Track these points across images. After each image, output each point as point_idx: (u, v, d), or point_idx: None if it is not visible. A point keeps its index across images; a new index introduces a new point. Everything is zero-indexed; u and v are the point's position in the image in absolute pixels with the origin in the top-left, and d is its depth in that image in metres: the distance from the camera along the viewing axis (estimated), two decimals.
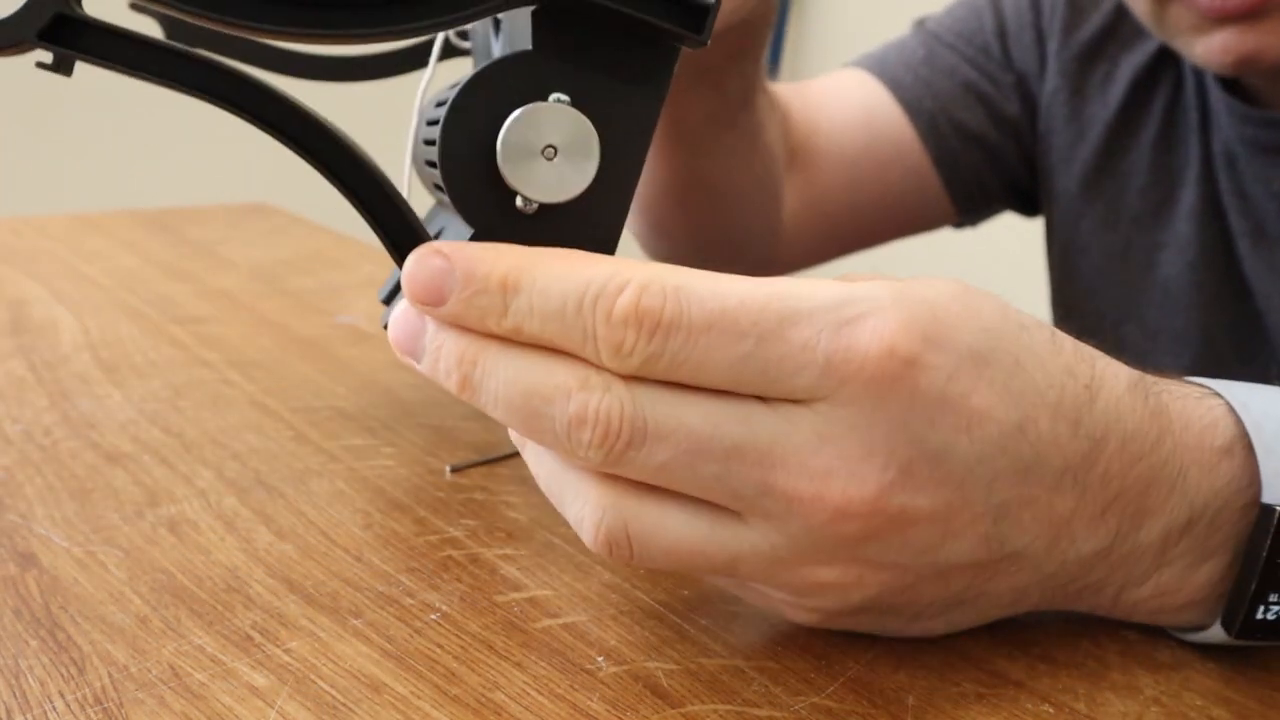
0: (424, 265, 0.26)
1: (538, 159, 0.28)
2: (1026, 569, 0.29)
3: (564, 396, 0.25)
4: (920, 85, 0.68)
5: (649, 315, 0.25)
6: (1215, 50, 0.52)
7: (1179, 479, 0.29)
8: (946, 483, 0.26)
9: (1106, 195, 0.66)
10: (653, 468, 0.26)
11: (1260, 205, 0.59)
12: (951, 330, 0.26)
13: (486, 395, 0.26)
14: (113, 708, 0.26)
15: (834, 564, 0.27)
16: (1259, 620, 0.29)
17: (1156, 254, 0.64)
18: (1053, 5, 0.68)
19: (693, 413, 0.25)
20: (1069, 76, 0.67)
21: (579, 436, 0.25)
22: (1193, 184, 0.62)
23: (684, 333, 0.25)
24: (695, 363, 0.25)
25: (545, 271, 0.26)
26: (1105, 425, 0.28)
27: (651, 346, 0.25)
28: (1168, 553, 0.30)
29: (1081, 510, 0.28)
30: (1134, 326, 0.66)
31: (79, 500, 0.35)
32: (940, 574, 0.28)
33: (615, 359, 0.25)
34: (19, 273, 0.60)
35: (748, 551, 0.27)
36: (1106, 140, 0.66)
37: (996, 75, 0.69)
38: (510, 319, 0.26)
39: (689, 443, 0.25)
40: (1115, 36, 0.66)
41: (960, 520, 0.27)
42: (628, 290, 0.25)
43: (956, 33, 0.70)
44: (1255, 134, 0.58)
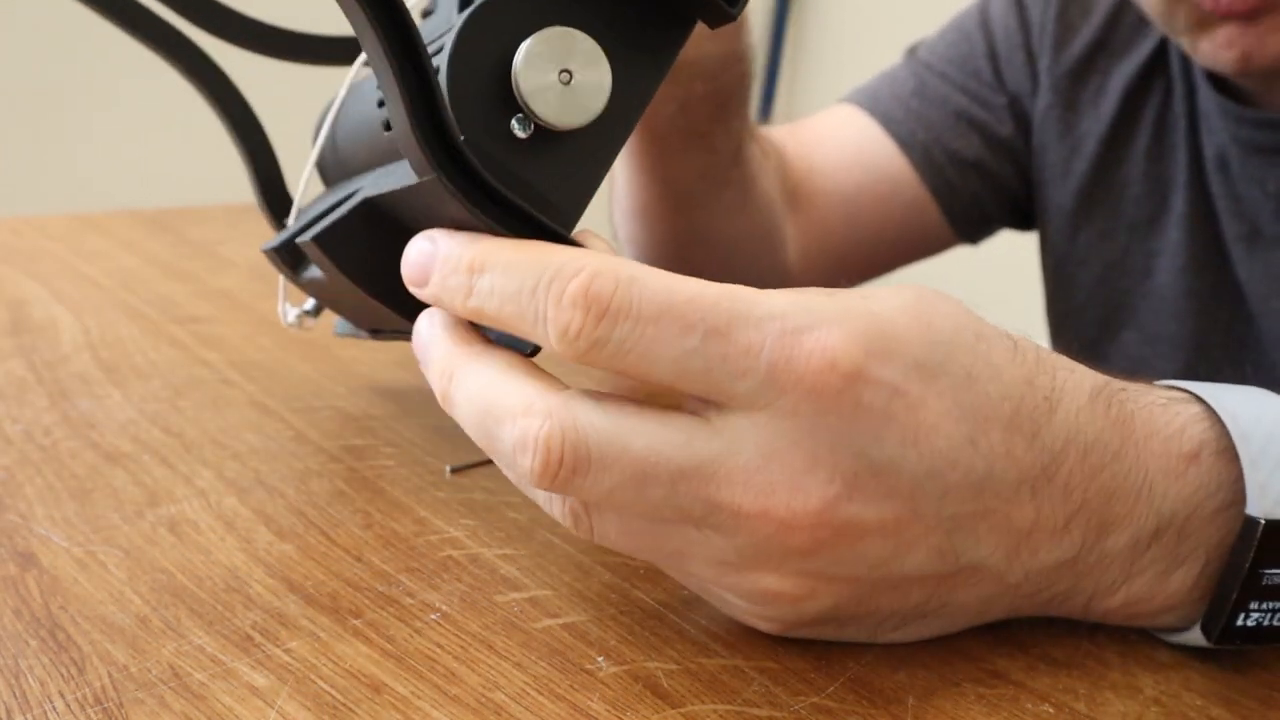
0: (415, 248, 0.29)
1: (554, 78, 0.28)
2: (988, 580, 0.29)
3: (510, 420, 0.26)
4: (912, 118, 0.69)
5: (598, 300, 0.25)
6: (1219, 48, 0.52)
7: (1144, 488, 0.29)
8: (895, 495, 0.26)
9: (1103, 206, 0.67)
10: (600, 493, 0.26)
11: (1255, 207, 0.59)
12: (898, 344, 0.26)
13: (457, 409, 0.28)
14: (113, 708, 0.26)
15: (784, 575, 0.27)
16: (1239, 627, 0.29)
17: (1152, 261, 0.65)
18: (1042, 23, 0.68)
19: (636, 438, 0.26)
20: (1061, 92, 0.67)
21: (522, 463, 0.26)
22: (1182, 190, 0.63)
23: (631, 321, 0.25)
24: (640, 353, 0.25)
25: (510, 256, 0.26)
26: (1065, 437, 0.28)
27: (598, 331, 0.25)
28: (1137, 561, 0.29)
29: (1042, 522, 0.28)
30: (1133, 332, 0.66)
31: (79, 500, 0.35)
32: (896, 586, 0.28)
33: (562, 342, 0.25)
34: (19, 273, 0.60)
35: (698, 553, 0.27)
36: (1101, 152, 0.66)
37: (988, 98, 0.70)
38: (474, 299, 0.27)
39: (633, 468, 0.26)
40: (1106, 49, 0.66)
41: (912, 533, 0.27)
42: (581, 275, 0.25)
43: (948, 59, 0.71)
44: (1249, 135, 0.58)
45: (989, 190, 0.71)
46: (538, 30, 0.28)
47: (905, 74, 0.72)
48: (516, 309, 0.26)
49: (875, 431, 0.26)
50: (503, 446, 0.27)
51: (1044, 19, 0.68)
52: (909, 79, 0.71)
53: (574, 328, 0.25)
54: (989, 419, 0.27)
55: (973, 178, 0.70)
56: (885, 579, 0.28)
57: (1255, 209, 0.59)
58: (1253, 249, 0.60)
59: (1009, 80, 0.69)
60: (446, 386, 0.28)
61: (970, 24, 0.72)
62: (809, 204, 0.68)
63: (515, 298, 0.26)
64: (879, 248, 0.71)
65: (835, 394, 0.25)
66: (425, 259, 0.28)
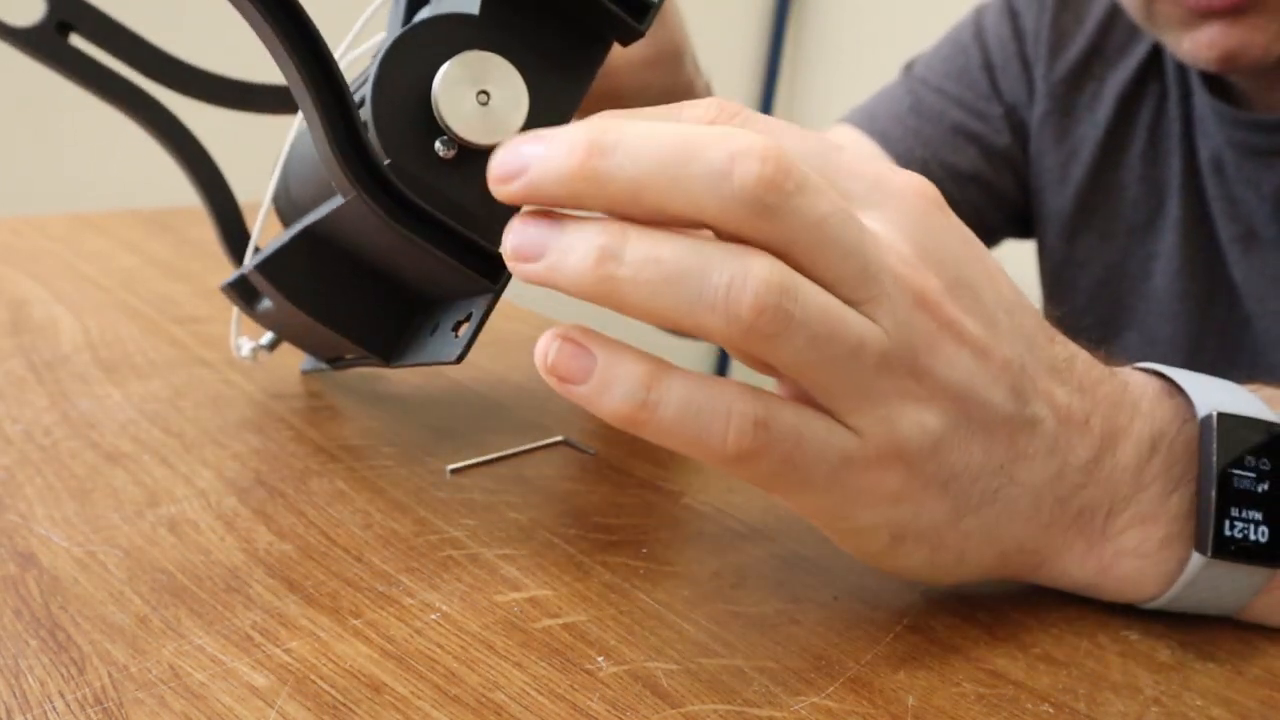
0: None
1: (472, 99, 0.29)
2: (1042, 453, 0.30)
3: (721, 140, 0.25)
4: (909, 135, 0.70)
5: (729, 104, 0.28)
6: (1201, 45, 0.53)
7: (1137, 405, 0.32)
8: (980, 317, 0.29)
9: (1101, 211, 0.67)
10: (816, 218, 0.26)
11: (1250, 209, 0.59)
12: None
13: (622, 154, 0.25)
14: (113, 708, 0.26)
15: (914, 374, 0.28)
16: (1227, 537, 0.31)
17: (1150, 264, 0.66)
18: (1036, 31, 0.69)
19: (827, 187, 0.27)
20: (1057, 99, 0.68)
21: (746, 170, 0.25)
22: (1177, 194, 0.63)
23: (759, 121, 0.28)
24: (773, 136, 0.28)
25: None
26: (1071, 349, 0.32)
27: (736, 119, 0.28)
28: (1144, 472, 0.32)
29: (1073, 410, 0.31)
30: (1135, 334, 0.67)
31: (79, 500, 0.35)
32: (986, 427, 0.29)
33: (709, 115, 0.28)
34: (19, 273, 0.60)
35: (871, 339, 0.27)
36: (1098, 157, 0.67)
37: (985, 110, 0.70)
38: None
39: (841, 207, 0.27)
40: (1101, 55, 0.67)
41: (994, 360, 0.29)
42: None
43: (943, 73, 0.71)
44: (1244, 137, 0.59)
45: (989, 201, 0.71)
46: (455, 55, 0.29)
47: (901, 91, 0.72)
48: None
49: (964, 251, 0.30)
50: (708, 165, 0.25)
51: (1038, 27, 0.68)
52: (905, 96, 0.72)
53: (710, 113, 0.28)
54: (1026, 301, 0.31)
55: (972, 190, 0.70)
56: (979, 407, 0.29)
57: (1250, 211, 0.60)
58: (1248, 251, 0.60)
59: (1005, 90, 0.70)
60: (602, 136, 0.25)
61: (965, 36, 0.72)
62: None
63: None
64: None
65: (930, 207, 0.29)
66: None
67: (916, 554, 0.30)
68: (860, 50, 1.92)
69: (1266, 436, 0.31)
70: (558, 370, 0.26)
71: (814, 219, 0.26)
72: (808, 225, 0.26)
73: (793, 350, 0.26)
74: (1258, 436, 0.31)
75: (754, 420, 0.26)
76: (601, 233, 0.25)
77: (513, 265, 0.26)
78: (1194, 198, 0.63)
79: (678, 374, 0.26)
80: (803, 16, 2.04)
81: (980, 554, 0.31)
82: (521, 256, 0.26)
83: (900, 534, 0.30)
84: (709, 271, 0.25)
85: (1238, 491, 0.31)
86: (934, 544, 0.30)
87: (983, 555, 0.31)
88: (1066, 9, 0.68)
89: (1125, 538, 0.32)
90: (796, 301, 0.25)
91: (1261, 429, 0.31)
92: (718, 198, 0.25)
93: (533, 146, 0.26)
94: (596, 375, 0.26)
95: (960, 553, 0.31)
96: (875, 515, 0.29)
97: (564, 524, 0.36)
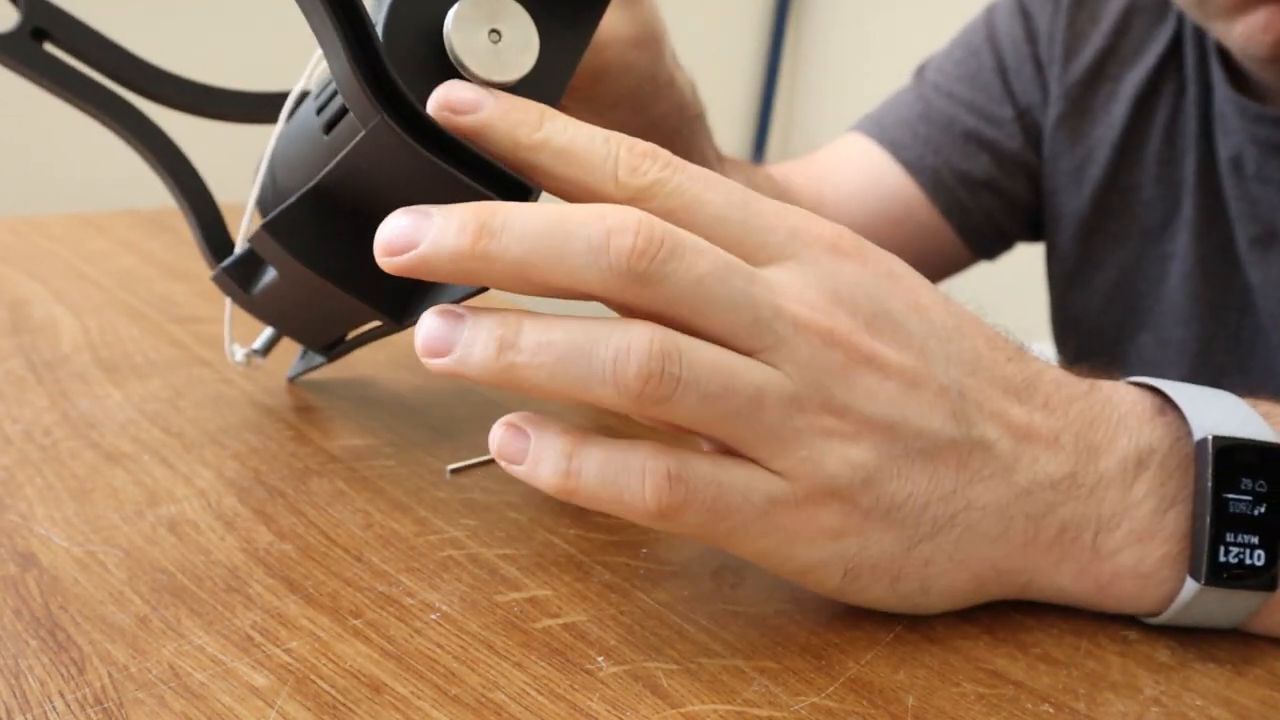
0: (465, 84, 0.30)
1: (484, 37, 0.30)
2: (999, 474, 0.30)
3: (596, 217, 0.27)
4: (920, 143, 0.70)
5: (663, 153, 0.29)
6: (1256, 29, 0.51)
7: (1121, 422, 0.32)
8: (907, 346, 0.29)
9: (1117, 212, 0.67)
10: (692, 280, 0.27)
11: (1271, 208, 0.59)
12: (885, 253, 0.31)
13: (509, 235, 0.27)
14: (113, 708, 0.26)
15: (832, 410, 0.28)
16: (1222, 563, 0.30)
17: (1165, 265, 0.65)
18: (1050, 33, 0.68)
19: (708, 245, 0.28)
20: (1073, 101, 0.67)
21: (619, 243, 0.26)
22: (1192, 194, 0.63)
23: (687, 173, 0.29)
24: (692, 196, 0.28)
25: (575, 120, 0.30)
26: (1037, 368, 0.32)
27: (664, 173, 0.29)
28: (1132, 489, 0.31)
29: (1035, 428, 0.31)
30: (1149, 335, 0.67)
31: (79, 500, 0.35)
32: (926, 453, 0.29)
33: (630, 175, 0.28)
34: (19, 273, 0.60)
35: (771, 386, 0.28)
36: (1114, 158, 0.66)
37: (997, 114, 0.70)
38: (543, 132, 0.29)
39: (721, 260, 0.27)
40: (1116, 55, 0.66)
41: (928, 387, 0.29)
42: (645, 142, 0.29)
43: (955, 76, 0.71)
44: (1269, 134, 0.58)
45: (1002, 206, 0.71)
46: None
47: (912, 97, 0.72)
48: (588, 143, 0.29)
49: (884, 287, 0.30)
50: (586, 241, 0.26)
51: (1052, 29, 0.68)
52: (915, 102, 0.71)
53: (643, 167, 0.28)
54: (971, 324, 0.31)
55: (985, 196, 0.70)
56: (914, 435, 0.29)
57: (1272, 210, 0.59)
58: (1267, 251, 0.60)
59: (1019, 93, 0.69)
60: (490, 218, 0.27)
61: (976, 39, 0.72)
62: None
63: (588, 137, 0.29)
64: None
65: (847, 252, 0.30)
66: (479, 94, 0.29)
67: (877, 586, 0.30)
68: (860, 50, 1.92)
69: (1263, 458, 0.31)
70: (503, 455, 0.28)
71: (691, 280, 0.27)
72: (686, 287, 0.27)
73: (688, 410, 0.27)
74: (1254, 458, 0.31)
75: (667, 475, 0.27)
76: (499, 324, 0.27)
77: (425, 361, 0.28)
78: (1210, 198, 0.62)
79: (596, 442, 0.28)
80: (803, 17, 2.04)
81: (949, 579, 0.31)
82: (431, 353, 0.28)
83: (853, 568, 0.30)
84: (596, 348, 0.26)
85: (1233, 516, 0.30)
86: (892, 574, 0.30)
87: (953, 580, 0.31)
88: (1082, 9, 0.67)
89: (1122, 556, 0.31)
90: (681, 364, 0.27)
91: (1258, 451, 0.31)
92: (597, 271, 0.26)
93: (420, 220, 0.27)
94: (530, 454, 0.28)
95: (924, 580, 0.31)
96: (819, 552, 0.29)
97: (564, 524, 0.36)
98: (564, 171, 0.29)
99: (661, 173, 0.28)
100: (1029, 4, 0.70)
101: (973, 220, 0.70)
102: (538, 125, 0.29)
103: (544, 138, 0.29)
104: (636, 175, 0.28)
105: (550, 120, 0.29)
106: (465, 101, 0.29)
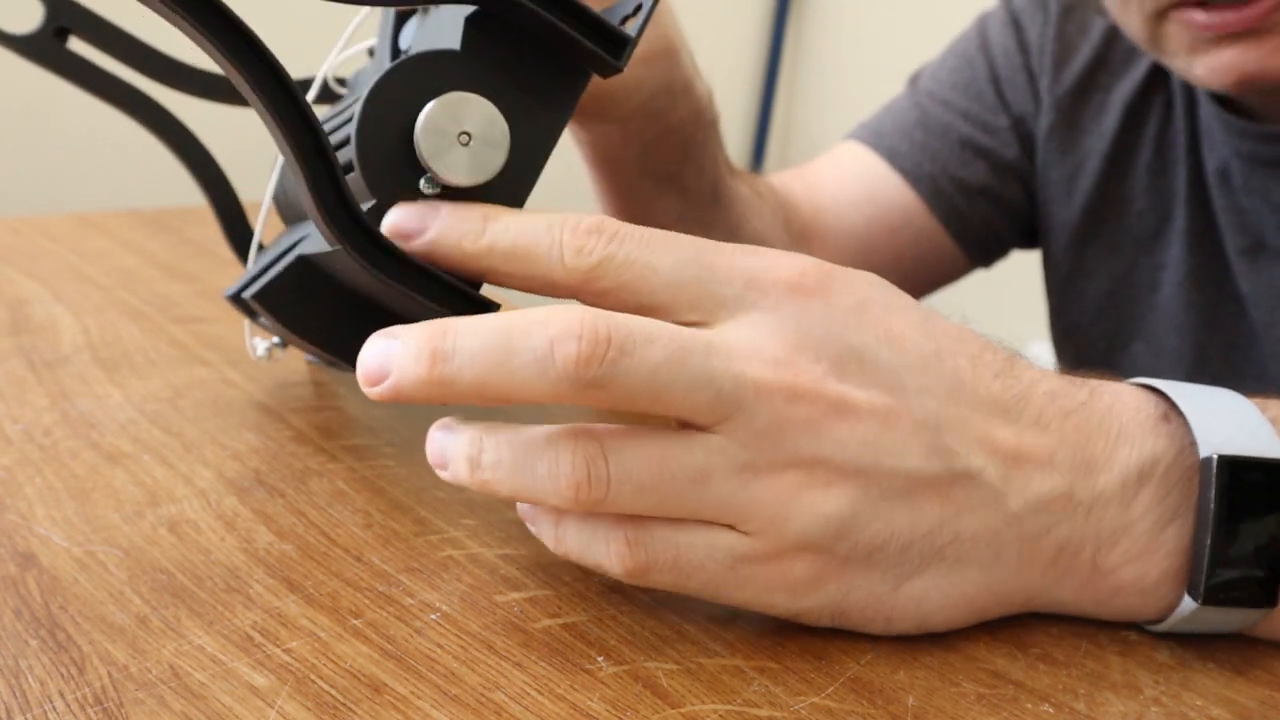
0: (411, 207, 0.30)
1: (453, 141, 0.30)
2: (989, 502, 0.29)
3: (542, 323, 0.27)
4: (917, 150, 0.70)
5: (607, 226, 0.29)
6: (1218, 70, 0.51)
7: (1121, 433, 0.31)
8: (878, 384, 0.29)
9: (1109, 222, 0.67)
10: (647, 372, 0.27)
11: (1258, 220, 0.59)
12: (856, 275, 0.30)
13: (459, 359, 0.27)
14: (113, 708, 0.26)
15: (798, 465, 0.28)
16: (1221, 583, 0.30)
17: (1157, 275, 0.65)
18: (1040, 44, 0.68)
19: (662, 330, 0.27)
20: (1063, 111, 0.68)
21: (565, 351, 0.26)
22: (1183, 205, 0.63)
23: (635, 240, 0.29)
24: (643, 264, 0.28)
25: (518, 213, 0.30)
26: (1028, 380, 0.31)
27: (610, 248, 0.28)
28: (1132, 504, 0.30)
29: (1025, 448, 0.30)
30: (1142, 345, 0.67)
31: (79, 500, 0.35)
32: (904, 494, 0.29)
33: (577, 257, 0.28)
34: (19, 272, 0.60)
35: (716, 460, 0.28)
36: (1105, 169, 0.66)
37: (992, 122, 0.70)
38: (487, 237, 0.30)
39: (674, 344, 0.27)
40: (1106, 66, 0.66)
41: (902, 425, 0.29)
42: (590, 217, 0.29)
43: (950, 85, 0.71)
44: (1253, 149, 0.58)
45: (999, 214, 0.71)
46: (436, 97, 0.30)
47: (908, 105, 0.72)
48: (532, 238, 0.29)
49: (852, 324, 0.29)
50: (532, 353, 0.27)
51: (1042, 39, 0.68)
52: (911, 110, 0.71)
53: (589, 247, 0.28)
54: (953, 343, 0.30)
55: (981, 203, 0.70)
56: (889, 477, 0.28)
57: (1259, 222, 0.59)
58: (1255, 262, 0.60)
59: (1012, 102, 0.70)
60: (441, 341, 0.28)
61: (970, 48, 0.72)
62: (820, 243, 0.68)
63: (531, 230, 0.29)
64: (896, 280, 0.71)
65: (810, 291, 0.29)
66: (425, 211, 0.30)
67: (872, 623, 0.30)
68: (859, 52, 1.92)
69: (1268, 475, 0.30)
70: (524, 517, 0.31)
71: (645, 374, 0.27)
72: (640, 382, 0.27)
73: (628, 502, 0.28)
74: (1260, 476, 0.30)
75: (626, 543, 0.28)
76: (469, 444, 0.29)
77: (440, 474, 0.30)
78: (1201, 209, 0.62)
79: (572, 515, 0.29)
80: (803, 17, 2.04)
81: (945, 609, 0.30)
82: (440, 466, 0.30)
83: (840, 611, 0.30)
84: (533, 464, 0.28)
85: (1234, 535, 0.30)
86: (884, 614, 0.30)
87: (948, 610, 0.31)
88: (1070, 20, 0.67)
89: (1122, 573, 0.31)
90: (608, 466, 0.27)
91: (1264, 468, 0.30)
92: (547, 383, 0.27)
93: (389, 346, 0.29)
94: (532, 524, 0.31)
95: (918, 618, 0.30)
96: (801, 600, 0.29)
97: None
98: (515, 269, 0.30)
99: (608, 248, 0.28)
100: (1020, 14, 0.70)
101: (970, 227, 0.70)
102: (481, 232, 0.30)
103: (489, 243, 0.30)
104: (582, 256, 0.29)
105: (493, 222, 0.30)
106: (410, 227, 0.30)
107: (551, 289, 0.30)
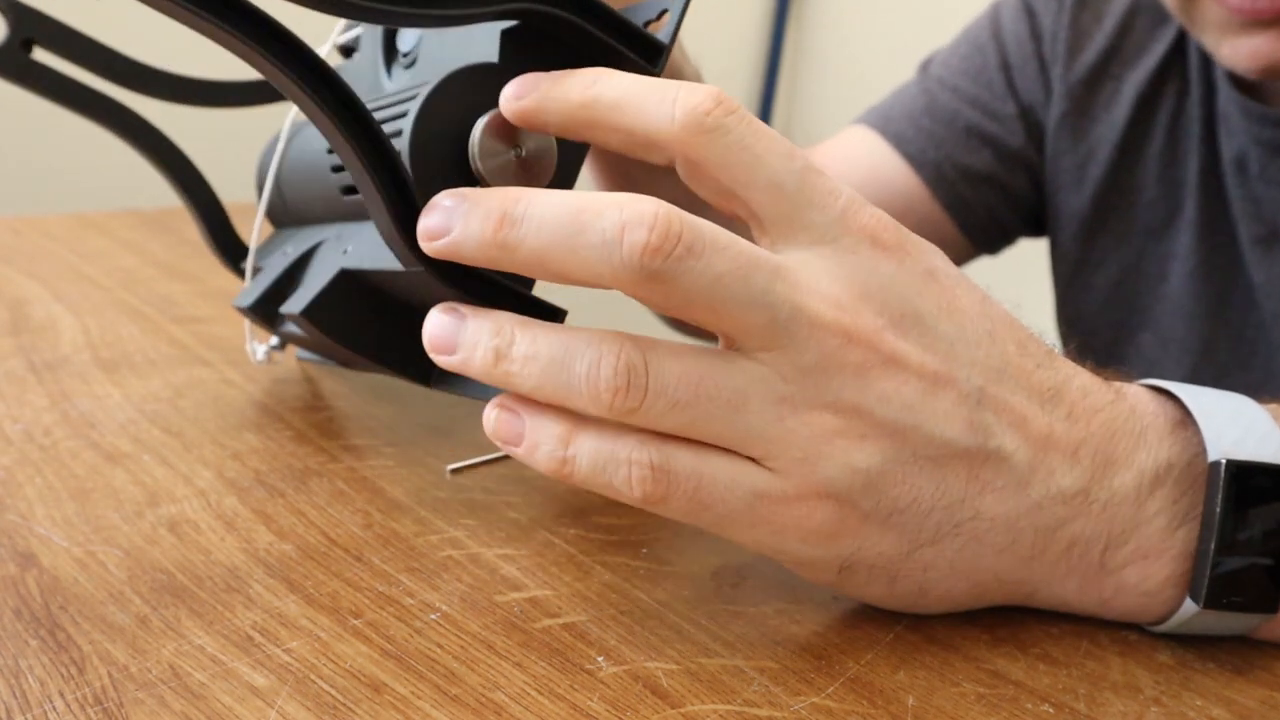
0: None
1: (509, 155, 0.30)
2: (1011, 485, 0.30)
3: (615, 206, 0.26)
4: (923, 136, 0.70)
5: (726, 100, 0.28)
6: (1243, 55, 0.52)
7: (1142, 435, 0.31)
8: (932, 349, 0.29)
9: (1118, 211, 0.67)
10: (710, 279, 0.26)
11: (1276, 208, 0.59)
12: (929, 247, 0.30)
13: (527, 225, 0.27)
14: (113, 708, 0.26)
15: (839, 412, 0.28)
16: (1223, 589, 0.30)
17: (1166, 265, 0.65)
18: (1054, 32, 0.68)
19: (729, 238, 0.27)
20: (1075, 100, 0.68)
21: (633, 238, 0.26)
22: (1194, 194, 0.63)
23: (751, 125, 0.28)
24: (754, 153, 0.28)
25: (626, 74, 0.29)
26: (1065, 374, 0.31)
27: (728, 120, 0.28)
28: (1145, 505, 0.31)
29: (1055, 438, 0.30)
30: (1149, 335, 0.67)
31: (79, 500, 0.35)
32: (934, 460, 0.29)
33: (690, 115, 0.28)
34: (19, 272, 0.60)
35: (756, 388, 0.28)
36: (1116, 158, 0.66)
37: (999, 110, 0.70)
38: (595, 88, 0.29)
39: (742, 255, 0.27)
40: (1119, 55, 0.66)
41: (947, 394, 0.29)
42: (707, 86, 0.28)
43: (960, 71, 0.71)
44: (1273, 135, 0.58)
45: (1003, 202, 0.71)
46: (483, 113, 0.30)
47: (916, 91, 0.72)
48: (645, 89, 0.28)
49: (918, 287, 0.29)
50: (601, 234, 0.26)
51: (1056, 27, 0.68)
52: (919, 96, 0.71)
53: (706, 106, 0.27)
54: (1005, 328, 0.31)
55: (986, 191, 0.70)
56: (925, 442, 0.29)
57: (1276, 210, 0.59)
58: (1270, 252, 0.60)
59: (1022, 90, 0.70)
60: (514, 206, 0.27)
61: (983, 35, 0.72)
62: None
63: (645, 84, 0.28)
64: None
65: (888, 247, 0.29)
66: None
67: (873, 585, 0.30)
68: (860, 50, 1.92)
69: (1276, 482, 0.30)
70: (499, 435, 0.29)
71: (707, 280, 0.27)
72: (701, 287, 0.27)
73: (660, 416, 0.27)
74: (1267, 482, 0.30)
75: (650, 466, 0.28)
76: (494, 334, 0.28)
77: (434, 357, 0.29)
78: (1212, 198, 0.62)
79: (590, 429, 0.28)
80: (803, 17, 2.04)
81: (948, 585, 0.31)
82: (438, 350, 0.29)
83: (849, 565, 0.30)
84: (573, 362, 0.27)
85: (1239, 541, 0.30)
86: (890, 575, 0.30)
87: (952, 587, 0.31)
88: (1085, 8, 0.67)
89: (1126, 573, 0.31)
90: (647, 374, 0.27)
91: (1272, 474, 0.30)
92: (609, 266, 0.26)
93: (456, 204, 0.28)
94: (526, 437, 0.29)
95: (922, 584, 0.30)
96: (813, 549, 0.29)
97: (564, 524, 0.36)
98: (619, 120, 0.29)
99: (725, 119, 0.28)
100: (1034, 2, 0.70)
101: (974, 214, 0.70)
102: (591, 81, 0.29)
103: (595, 94, 0.29)
104: (696, 115, 0.28)
105: (604, 77, 0.29)
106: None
107: (648, 146, 0.28)
